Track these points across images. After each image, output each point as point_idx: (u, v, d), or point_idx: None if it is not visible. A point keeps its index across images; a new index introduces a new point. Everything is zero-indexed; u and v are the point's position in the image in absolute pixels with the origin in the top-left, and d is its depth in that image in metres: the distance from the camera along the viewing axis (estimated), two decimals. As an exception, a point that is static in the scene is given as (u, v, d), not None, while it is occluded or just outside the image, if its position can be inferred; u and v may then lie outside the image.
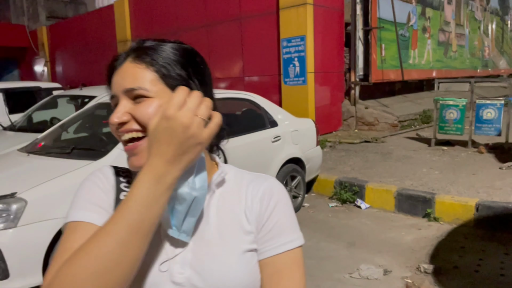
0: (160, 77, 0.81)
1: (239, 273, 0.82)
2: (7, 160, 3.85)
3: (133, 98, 0.81)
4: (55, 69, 15.76)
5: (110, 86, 0.87)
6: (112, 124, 0.82)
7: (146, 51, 0.83)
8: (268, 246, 0.85)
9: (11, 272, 2.92)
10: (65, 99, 6.55)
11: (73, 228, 0.80)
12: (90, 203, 0.83)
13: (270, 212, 0.86)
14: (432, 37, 12.50)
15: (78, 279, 0.66)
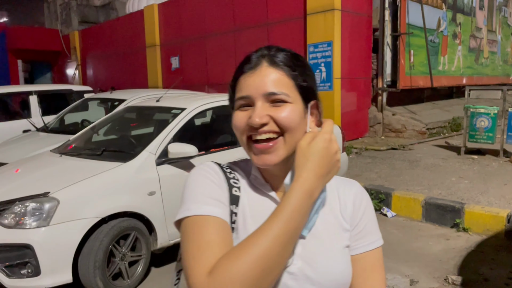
0: (295, 85, 0.90)
1: (342, 265, 0.92)
2: (41, 160, 3.98)
3: (271, 101, 0.88)
4: (86, 73, 16.19)
5: (236, 86, 0.92)
6: (255, 124, 0.86)
7: (280, 58, 0.90)
8: (360, 244, 0.96)
9: (42, 270, 3.01)
10: (96, 102, 6.73)
11: (203, 222, 0.83)
12: (211, 198, 0.87)
13: (362, 214, 0.97)
14: (463, 43, 12.23)
15: (247, 276, 0.72)
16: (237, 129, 0.91)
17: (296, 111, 0.88)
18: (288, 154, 0.89)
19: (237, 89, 0.92)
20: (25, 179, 3.52)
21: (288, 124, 0.87)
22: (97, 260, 3.16)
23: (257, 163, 0.90)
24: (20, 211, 3.08)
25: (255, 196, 0.95)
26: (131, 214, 3.42)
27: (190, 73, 11.41)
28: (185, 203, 0.88)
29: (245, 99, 0.89)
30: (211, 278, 0.74)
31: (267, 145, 0.88)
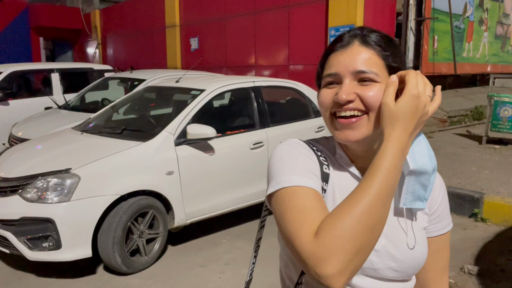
0: (386, 65, 0.89)
1: (422, 245, 0.95)
2: (62, 137, 4.05)
3: (359, 80, 0.88)
4: (106, 52, 16.29)
5: (326, 64, 0.92)
6: (341, 100, 0.86)
7: (373, 38, 0.90)
8: (436, 227, 1.02)
9: (63, 243, 3.10)
10: (116, 81, 6.78)
11: (302, 192, 0.84)
12: (307, 170, 0.89)
13: (441, 200, 1.02)
14: (489, 30, 11.87)
15: (354, 232, 0.73)
16: (322, 105, 0.92)
17: (381, 91, 0.87)
18: (370, 133, 0.88)
19: (326, 66, 0.92)
20: (47, 155, 3.60)
21: (375, 103, 0.86)
22: (116, 236, 3.24)
23: (339, 138, 0.90)
24: (43, 186, 3.15)
25: (342, 175, 0.96)
26: (149, 192, 3.48)
27: (208, 54, 11.38)
28: (279, 175, 0.88)
29: (333, 76, 0.90)
30: (318, 237, 0.74)
31: (350, 120, 0.88)
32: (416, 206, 0.92)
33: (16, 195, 3.21)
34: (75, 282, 3.28)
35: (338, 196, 0.93)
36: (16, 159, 3.65)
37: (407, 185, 0.90)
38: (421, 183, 0.90)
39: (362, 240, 0.74)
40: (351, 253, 0.72)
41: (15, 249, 3.19)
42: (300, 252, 0.75)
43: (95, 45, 16.58)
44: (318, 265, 0.72)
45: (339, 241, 0.72)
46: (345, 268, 0.72)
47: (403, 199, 0.92)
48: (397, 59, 0.91)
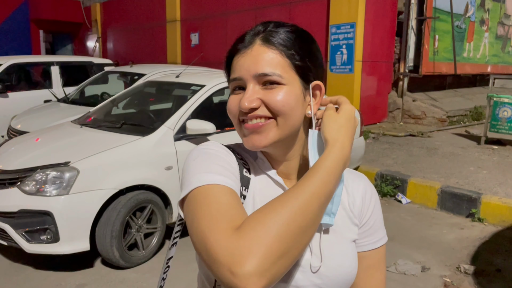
0: (291, 64, 0.82)
1: (351, 259, 0.88)
2: (61, 130, 4.05)
3: (262, 83, 0.81)
4: (106, 46, 16.25)
5: (230, 68, 0.86)
6: (243, 109, 0.80)
7: (275, 36, 0.82)
8: (368, 241, 0.93)
9: (61, 236, 3.10)
10: (116, 75, 6.77)
11: (219, 190, 0.75)
12: (224, 169, 0.80)
13: (372, 210, 0.93)
14: (490, 30, 11.87)
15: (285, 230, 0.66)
16: (230, 112, 0.85)
17: (292, 93, 0.81)
18: (280, 138, 0.83)
19: (231, 70, 0.86)
20: (46, 148, 3.60)
21: (281, 108, 0.80)
22: (114, 230, 3.24)
23: (247, 145, 0.84)
24: (41, 179, 3.15)
25: (263, 180, 0.89)
26: (148, 187, 3.48)
27: (209, 50, 11.36)
28: (192, 176, 0.78)
29: (237, 81, 0.83)
30: (240, 232, 0.66)
31: (257, 125, 0.81)
32: (323, 221, 0.80)
33: (14, 188, 3.21)
34: (72, 275, 3.29)
35: (258, 202, 0.85)
36: (15, 152, 3.65)
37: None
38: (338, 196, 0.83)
39: (291, 241, 0.66)
40: (277, 254, 0.64)
41: (13, 242, 3.19)
42: (214, 248, 0.65)
43: (95, 39, 16.54)
44: (235, 263, 0.62)
45: (264, 238, 0.64)
46: (266, 270, 0.63)
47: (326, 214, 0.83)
48: (307, 56, 0.84)
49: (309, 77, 0.84)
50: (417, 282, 3.21)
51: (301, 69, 0.83)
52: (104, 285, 3.16)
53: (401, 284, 3.17)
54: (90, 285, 3.15)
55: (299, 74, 0.83)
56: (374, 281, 0.93)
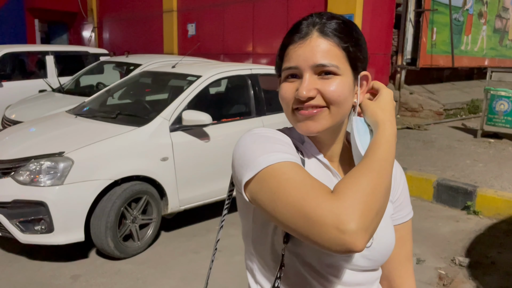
0: (346, 56, 0.86)
1: (391, 233, 0.95)
2: (56, 120, 4.01)
3: (318, 73, 0.85)
4: (102, 36, 16.11)
5: (285, 56, 0.89)
6: (302, 97, 0.83)
7: (331, 27, 0.86)
8: (399, 215, 1.01)
9: (55, 227, 3.08)
10: (111, 65, 6.71)
11: (295, 166, 0.78)
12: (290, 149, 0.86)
13: (402, 187, 1.02)
14: (488, 23, 11.84)
15: (377, 190, 0.73)
16: (284, 100, 0.89)
17: (346, 83, 0.86)
18: (332, 125, 0.88)
19: (285, 58, 0.88)
20: (40, 138, 3.57)
21: (336, 98, 0.85)
22: (109, 221, 3.22)
23: (301, 129, 0.88)
24: (35, 169, 3.13)
25: (313, 162, 0.94)
26: (143, 178, 3.46)
27: (206, 41, 11.27)
28: (258, 157, 0.79)
29: (293, 69, 0.86)
30: (339, 194, 0.71)
31: (312, 112, 0.85)
32: None
33: (8, 177, 3.18)
34: (67, 265, 3.27)
35: None
36: (9, 141, 3.61)
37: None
38: None
39: (382, 199, 0.74)
40: (374, 211, 0.71)
41: (7, 232, 3.17)
42: (317, 212, 0.69)
43: (91, 29, 16.39)
44: (343, 221, 0.67)
45: (363, 198, 0.70)
46: (369, 226, 0.69)
47: None
48: (357, 49, 0.88)
49: (358, 68, 0.89)
50: (412, 274, 3.21)
51: (354, 60, 0.87)
52: (98, 276, 3.15)
53: (396, 276, 3.17)
54: (85, 276, 3.14)
55: (351, 65, 0.87)
56: (404, 251, 1.03)
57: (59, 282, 3.06)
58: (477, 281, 3.11)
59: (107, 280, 3.09)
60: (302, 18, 0.90)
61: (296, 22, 0.90)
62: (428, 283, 3.11)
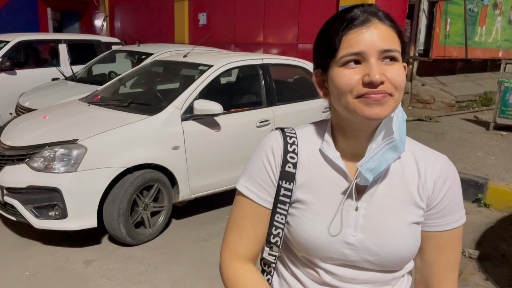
0: (400, 43, 0.88)
1: (406, 242, 0.92)
2: (69, 108, 4.06)
3: (382, 59, 0.84)
4: (113, 25, 16.14)
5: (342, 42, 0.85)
6: (376, 81, 0.82)
7: (385, 15, 0.87)
8: (437, 223, 0.95)
9: (69, 213, 3.14)
10: (123, 54, 6.74)
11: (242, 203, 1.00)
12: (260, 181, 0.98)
13: (444, 194, 0.94)
14: (503, 14, 11.62)
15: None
16: (346, 87, 0.85)
17: (403, 70, 0.87)
18: (392, 112, 0.87)
19: (343, 44, 0.85)
20: (54, 126, 3.62)
21: (401, 84, 0.85)
22: (121, 208, 3.27)
23: (369, 114, 0.84)
24: (49, 156, 3.18)
25: (320, 167, 0.95)
26: (155, 166, 3.50)
27: (217, 30, 11.24)
28: (243, 173, 1.02)
29: (356, 55, 0.84)
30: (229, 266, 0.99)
31: (385, 95, 0.83)
32: (367, 175, 0.88)
33: (23, 164, 3.24)
34: (80, 251, 3.34)
35: (315, 189, 0.95)
36: (23, 129, 3.67)
37: (378, 151, 0.88)
38: (385, 158, 0.89)
39: None
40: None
41: (22, 217, 3.24)
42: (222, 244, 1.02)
43: (103, 18, 16.43)
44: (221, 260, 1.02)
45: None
46: None
47: (365, 161, 0.89)
48: (403, 38, 0.90)
49: (404, 57, 0.89)
50: (421, 265, 3.22)
51: (404, 48, 0.88)
52: (111, 261, 3.21)
53: (405, 267, 3.18)
54: (97, 261, 3.20)
55: (402, 53, 0.87)
56: (444, 260, 0.97)
57: (72, 267, 3.12)
58: (487, 273, 3.11)
59: (119, 266, 3.15)
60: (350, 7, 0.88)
61: (342, 10, 0.90)
62: (437, 274, 3.11)
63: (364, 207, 0.93)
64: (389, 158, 0.88)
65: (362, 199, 0.93)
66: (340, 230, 0.92)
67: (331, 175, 0.95)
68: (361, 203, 0.93)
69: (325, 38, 0.89)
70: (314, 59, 0.96)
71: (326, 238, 0.91)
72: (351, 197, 0.93)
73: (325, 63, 0.89)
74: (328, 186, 0.94)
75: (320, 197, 0.94)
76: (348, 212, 0.92)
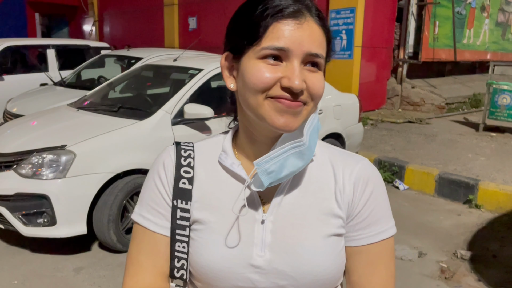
0: (327, 50, 0.77)
1: (325, 259, 0.77)
2: (58, 114, 4.00)
3: (305, 63, 0.73)
4: (102, 29, 16.06)
5: (265, 31, 0.72)
6: (296, 89, 0.70)
7: (320, 15, 0.76)
8: (363, 235, 0.81)
9: (58, 220, 3.09)
10: (113, 59, 6.69)
11: (137, 235, 0.85)
12: (153, 204, 0.84)
13: (366, 200, 0.81)
14: (490, 17, 11.77)
15: None
16: (259, 84, 0.72)
17: (323, 79, 0.76)
18: (304, 122, 0.76)
19: (267, 35, 0.72)
20: (42, 131, 3.56)
21: (320, 94, 0.74)
22: (111, 214, 3.23)
23: (277, 123, 0.72)
24: (38, 162, 3.13)
25: (219, 179, 0.83)
26: (145, 171, 3.45)
27: (207, 34, 11.23)
28: (138, 201, 0.88)
29: (279, 50, 0.71)
30: None
31: (299, 104, 0.73)
32: (262, 177, 0.74)
33: (11, 171, 3.18)
34: (69, 258, 3.28)
35: (212, 203, 0.81)
36: (11, 135, 3.61)
37: (282, 153, 0.74)
38: (288, 164, 0.74)
39: None
40: None
41: (10, 225, 3.18)
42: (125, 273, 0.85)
43: (92, 22, 16.35)
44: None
45: None
46: None
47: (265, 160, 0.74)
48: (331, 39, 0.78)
49: (325, 64, 0.79)
50: (414, 267, 3.22)
51: (328, 56, 0.78)
52: (101, 268, 3.16)
53: (398, 269, 3.16)
54: (87, 269, 3.15)
55: (326, 60, 0.78)
56: (377, 279, 0.82)
57: (62, 275, 3.07)
58: (478, 274, 3.12)
59: (110, 273, 3.10)
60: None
61: None
62: (430, 276, 3.12)
63: (272, 221, 0.78)
64: (291, 165, 0.75)
65: (269, 211, 0.79)
66: (243, 249, 0.77)
67: (232, 187, 0.81)
68: (267, 215, 0.78)
69: (248, 18, 0.74)
70: (227, 38, 0.81)
71: (227, 262, 0.76)
72: (255, 209, 0.79)
73: (241, 47, 0.75)
74: (229, 199, 0.79)
75: (221, 214, 0.79)
76: (252, 228, 0.78)
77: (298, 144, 0.74)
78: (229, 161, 0.82)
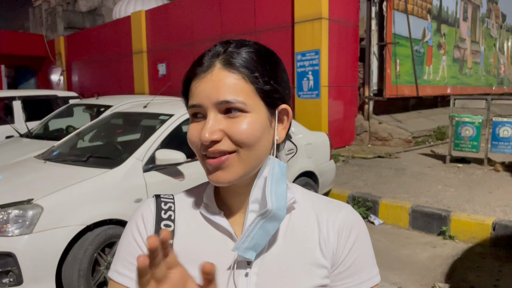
0: (256, 89, 0.74)
1: None
2: (24, 166, 3.89)
3: (224, 111, 0.73)
4: (71, 79, 16.01)
5: (189, 94, 0.77)
6: (204, 141, 0.72)
7: (237, 57, 0.74)
8: (347, 284, 0.80)
9: (25, 278, 2.92)
10: (81, 108, 6.64)
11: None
12: (131, 258, 0.80)
13: (350, 248, 0.80)
14: (447, 54, 12.45)
15: None
16: (192, 143, 0.77)
17: (257, 122, 0.73)
18: (246, 171, 0.75)
19: (189, 95, 0.77)
20: (7, 186, 3.44)
21: (245, 140, 0.72)
22: (82, 268, 3.09)
23: (212, 180, 0.76)
24: (3, 218, 2.99)
25: (202, 231, 0.81)
26: (117, 221, 3.36)
27: (177, 80, 11.29)
28: (114, 257, 0.84)
29: (196, 107, 0.75)
30: None
31: (220, 160, 0.73)
32: (247, 255, 0.74)
33: (-27, 229, 3.03)
34: (37, 319, 3.09)
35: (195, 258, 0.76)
36: (-26, 191, 3.46)
37: (254, 227, 0.73)
38: (266, 231, 0.74)
39: None
40: None
41: (-28, 287, 2.99)
42: None
43: (60, 72, 16.30)
44: None
45: None
46: None
47: (241, 242, 0.74)
48: (270, 79, 0.75)
49: (275, 101, 0.77)
50: (395, 303, 3.19)
51: (266, 93, 0.75)
52: (72, 328, 2.98)
53: (379, 307, 3.14)
54: (57, 329, 2.97)
55: (264, 99, 0.75)
56: None
57: (28, 338, 2.87)
58: (458, 307, 3.12)
59: (81, 333, 2.92)
60: (208, 49, 0.78)
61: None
62: (411, 312, 3.09)
63: (256, 273, 0.77)
64: (269, 228, 0.74)
65: (253, 263, 0.77)
66: None
67: (215, 239, 0.80)
68: (252, 268, 0.77)
69: (182, 87, 0.80)
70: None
71: None
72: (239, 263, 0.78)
73: (187, 106, 0.80)
74: (213, 252, 0.78)
75: None
76: (236, 281, 0.76)
77: (266, 214, 0.73)
78: (211, 212, 0.81)
